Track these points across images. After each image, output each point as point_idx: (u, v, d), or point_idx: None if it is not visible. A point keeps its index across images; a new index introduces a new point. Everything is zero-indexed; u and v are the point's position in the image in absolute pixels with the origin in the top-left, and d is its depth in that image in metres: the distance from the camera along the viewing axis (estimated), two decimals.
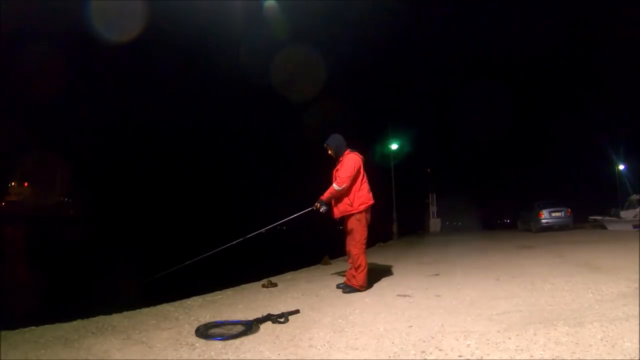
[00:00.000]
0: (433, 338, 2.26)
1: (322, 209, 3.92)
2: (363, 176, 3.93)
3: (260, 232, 4.17)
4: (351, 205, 3.83)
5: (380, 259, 6.44)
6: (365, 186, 3.94)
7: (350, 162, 3.83)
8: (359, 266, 3.81)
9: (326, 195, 3.87)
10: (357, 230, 3.85)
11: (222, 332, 2.58)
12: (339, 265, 6.00)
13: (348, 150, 3.97)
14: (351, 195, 3.84)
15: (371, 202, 3.95)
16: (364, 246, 3.89)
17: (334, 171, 4.04)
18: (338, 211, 3.91)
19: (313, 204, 3.95)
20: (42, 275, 9.61)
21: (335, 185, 3.82)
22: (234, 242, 4.08)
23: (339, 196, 3.86)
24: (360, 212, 3.84)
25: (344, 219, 3.93)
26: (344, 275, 4.25)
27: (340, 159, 3.95)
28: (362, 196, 3.87)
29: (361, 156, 3.97)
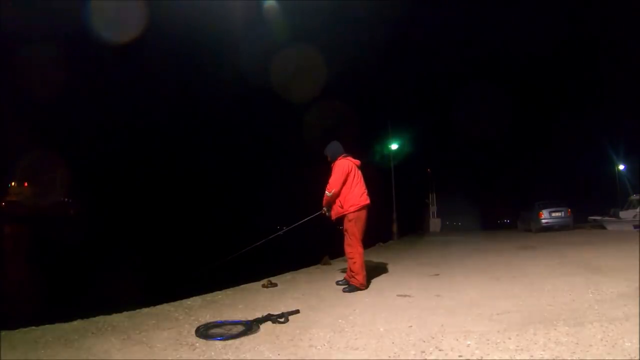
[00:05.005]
0: (433, 338, 2.27)
1: (327, 214, 4.19)
2: (354, 179, 4.01)
3: (279, 234, 4.52)
4: (342, 207, 3.99)
5: (380, 259, 6.43)
6: (358, 188, 4.01)
7: (339, 168, 4.00)
8: (355, 265, 3.89)
9: (323, 201, 4.14)
10: (350, 231, 3.95)
11: (222, 332, 2.58)
12: (339, 265, 5.99)
13: (342, 156, 4.10)
14: (342, 198, 3.99)
15: (364, 203, 4.01)
16: (359, 245, 3.95)
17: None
18: (334, 213, 4.10)
19: (320, 209, 4.24)
20: (42, 275, 9.61)
21: (326, 192, 4.05)
22: (258, 244, 4.49)
23: (334, 200, 4.03)
24: (351, 213, 3.94)
25: (341, 220, 4.07)
26: (344, 273, 4.35)
27: (333, 164, 4.09)
28: (352, 198, 3.96)
29: (354, 161, 4.10)
